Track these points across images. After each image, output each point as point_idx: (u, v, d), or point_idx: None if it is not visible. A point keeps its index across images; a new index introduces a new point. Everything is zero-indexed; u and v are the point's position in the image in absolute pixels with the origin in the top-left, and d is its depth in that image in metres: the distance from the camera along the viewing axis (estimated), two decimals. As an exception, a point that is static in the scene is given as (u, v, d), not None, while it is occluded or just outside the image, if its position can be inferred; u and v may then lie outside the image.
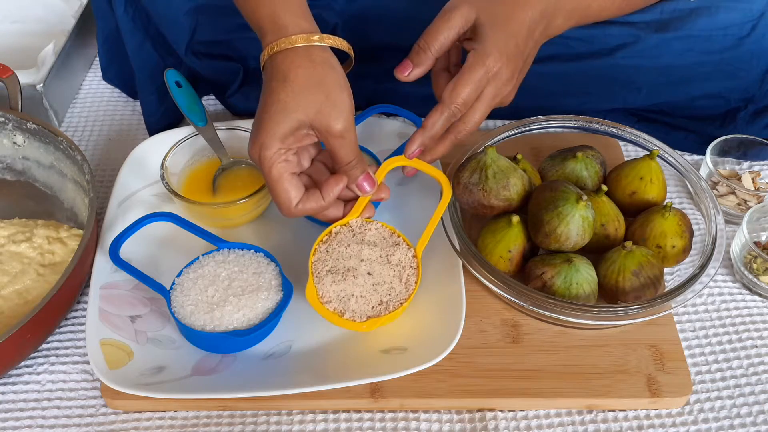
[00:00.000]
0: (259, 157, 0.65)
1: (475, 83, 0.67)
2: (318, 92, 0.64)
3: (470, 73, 0.67)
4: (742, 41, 0.86)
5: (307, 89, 0.64)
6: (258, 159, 0.65)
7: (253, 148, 0.65)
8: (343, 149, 0.66)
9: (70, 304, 0.72)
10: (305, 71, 0.65)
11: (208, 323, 0.65)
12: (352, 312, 0.65)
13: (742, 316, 0.74)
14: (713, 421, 0.66)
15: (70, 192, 0.79)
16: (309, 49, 0.65)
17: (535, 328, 0.70)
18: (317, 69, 0.65)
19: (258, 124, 0.65)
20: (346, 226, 0.70)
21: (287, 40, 0.65)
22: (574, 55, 0.87)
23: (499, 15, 0.69)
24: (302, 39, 0.65)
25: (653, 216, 0.72)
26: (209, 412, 0.66)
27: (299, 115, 0.64)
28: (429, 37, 0.69)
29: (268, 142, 0.64)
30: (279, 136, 0.64)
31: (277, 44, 0.65)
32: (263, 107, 0.65)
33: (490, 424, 0.65)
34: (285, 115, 0.64)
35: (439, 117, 0.68)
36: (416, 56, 0.70)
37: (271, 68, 0.65)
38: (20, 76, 0.83)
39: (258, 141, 0.65)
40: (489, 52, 0.67)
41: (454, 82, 0.67)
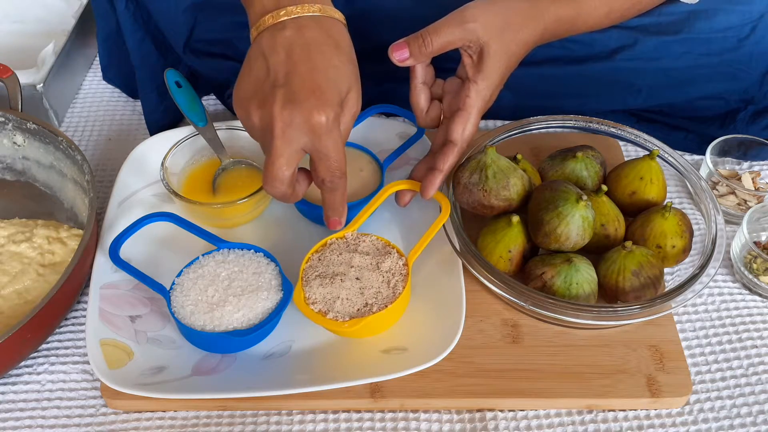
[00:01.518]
0: (318, 123, 0.60)
1: (479, 118, 0.71)
2: (357, 69, 0.65)
3: (476, 112, 0.70)
4: (741, 43, 0.86)
5: (352, 63, 0.64)
6: (315, 125, 0.60)
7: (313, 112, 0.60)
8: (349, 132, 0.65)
9: (70, 304, 0.72)
10: (349, 44, 0.65)
11: (208, 323, 0.65)
12: (336, 312, 0.65)
13: (742, 316, 0.74)
14: (713, 421, 0.66)
15: (70, 192, 0.79)
16: (342, 23, 0.66)
17: (535, 328, 0.70)
18: (351, 45, 0.66)
19: (308, 83, 0.60)
20: (341, 238, 0.70)
21: (330, 8, 0.65)
22: (574, 57, 0.87)
23: (506, 47, 0.70)
24: (339, 15, 0.66)
25: (653, 216, 0.72)
26: (209, 412, 0.66)
27: (348, 84, 0.63)
28: (434, 34, 0.69)
29: (330, 107, 0.60)
30: (338, 101, 0.61)
31: (322, 8, 0.64)
32: (315, 69, 0.61)
33: (490, 424, 0.65)
34: (341, 82, 0.62)
35: (456, 159, 0.72)
36: (415, 45, 0.69)
37: (317, 29, 0.63)
38: (20, 76, 0.83)
39: (312, 101, 0.60)
40: (491, 84, 0.70)
41: (462, 124, 0.70)
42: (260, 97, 0.61)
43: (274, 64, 0.62)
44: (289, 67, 0.61)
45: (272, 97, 0.60)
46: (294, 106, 0.60)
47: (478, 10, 0.69)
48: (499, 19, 0.69)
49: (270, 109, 0.60)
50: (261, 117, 0.61)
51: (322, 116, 0.60)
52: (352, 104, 0.64)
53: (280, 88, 0.61)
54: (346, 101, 0.63)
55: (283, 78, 0.61)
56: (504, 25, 0.69)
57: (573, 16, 0.73)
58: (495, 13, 0.69)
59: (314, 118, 0.60)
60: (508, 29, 0.69)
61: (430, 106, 0.74)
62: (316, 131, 0.60)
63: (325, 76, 0.61)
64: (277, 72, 0.61)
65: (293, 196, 0.65)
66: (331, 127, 0.61)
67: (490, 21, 0.69)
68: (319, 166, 0.63)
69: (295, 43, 0.62)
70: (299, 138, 0.61)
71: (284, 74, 0.61)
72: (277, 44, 0.62)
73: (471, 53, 0.70)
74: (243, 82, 0.64)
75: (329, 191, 0.66)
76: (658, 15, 0.85)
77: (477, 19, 0.68)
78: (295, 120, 0.60)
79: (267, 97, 0.61)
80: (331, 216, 0.68)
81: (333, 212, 0.67)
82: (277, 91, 0.60)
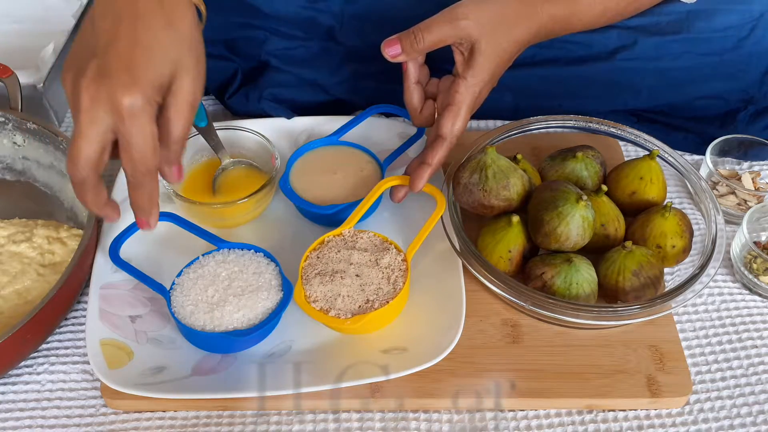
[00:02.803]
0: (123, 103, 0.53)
1: (469, 114, 0.70)
2: (196, 53, 0.58)
3: (465, 107, 0.70)
4: (741, 43, 0.86)
5: (187, 43, 0.57)
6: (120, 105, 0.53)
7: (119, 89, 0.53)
8: (187, 122, 0.57)
9: (70, 304, 0.72)
10: (190, 24, 0.58)
11: (208, 323, 0.65)
12: (338, 310, 0.65)
13: (742, 316, 0.74)
14: (713, 421, 0.66)
15: (70, 192, 0.79)
16: (189, 3, 0.59)
17: (535, 328, 0.70)
18: (197, 28, 0.59)
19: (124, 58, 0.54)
20: (338, 235, 0.70)
21: None
22: (574, 58, 0.87)
23: (498, 45, 0.69)
24: None
25: (653, 216, 0.72)
26: (209, 412, 0.66)
27: (173, 67, 0.56)
28: (426, 30, 0.68)
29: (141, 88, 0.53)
30: (155, 84, 0.55)
31: None
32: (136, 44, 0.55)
33: (490, 424, 0.65)
34: (163, 65, 0.55)
35: (445, 153, 0.71)
36: (407, 42, 0.69)
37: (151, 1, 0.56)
38: (20, 76, 0.83)
39: (122, 78, 0.53)
40: (481, 81, 0.70)
41: (452, 119, 0.70)
42: (77, 65, 0.55)
43: (99, 31, 0.56)
44: (111, 38, 0.55)
45: (86, 68, 0.54)
46: (103, 80, 0.53)
47: (471, 6, 0.69)
48: (491, 17, 0.69)
49: (80, 80, 0.54)
50: (72, 86, 0.55)
51: (127, 97, 0.53)
52: (186, 91, 0.56)
53: (96, 58, 0.55)
54: (175, 87, 0.56)
55: (102, 48, 0.55)
56: (497, 22, 0.69)
57: (567, 15, 0.73)
58: (488, 10, 0.69)
59: (120, 98, 0.53)
60: (501, 27, 0.69)
61: (424, 105, 0.74)
62: (120, 113, 0.53)
63: (145, 54, 0.54)
64: (99, 40, 0.56)
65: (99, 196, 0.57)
66: (138, 112, 0.53)
67: (482, 18, 0.68)
68: (122, 156, 0.55)
69: (125, 12, 0.56)
70: (104, 118, 0.54)
71: (104, 44, 0.55)
72: (106, 11, 0.57)
73: (462, 50, 0.70)
74: (72, 47, 0.58)
75: (132, 187, 0.57)
76: (658, 15, 0.85)
77: (469, 16, 0.68)
78: (101, 96, 0.53)
79: (82, 66, 0.55)
80: (137, 215, 0.59)
81: (138, 211, 0.59)
82: (92, 61, 0.54)
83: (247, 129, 0.81)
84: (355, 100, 0.90)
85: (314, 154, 0.80)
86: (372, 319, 0.64)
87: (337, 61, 0.89)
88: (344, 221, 0.72)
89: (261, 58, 0.89)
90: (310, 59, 0.89)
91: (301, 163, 0.79)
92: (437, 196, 0.72)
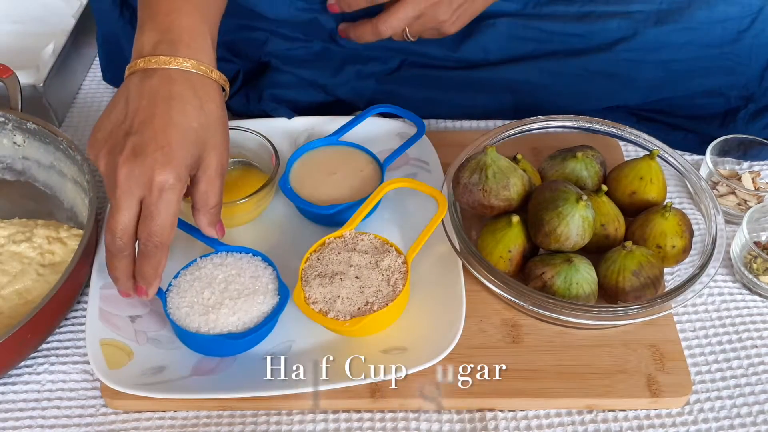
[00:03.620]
0: (157, 180, 0.58)
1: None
2: (223, 131, 0.64)
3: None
4: (741, 35, 0.86)
5: (216, 125, 0.63)
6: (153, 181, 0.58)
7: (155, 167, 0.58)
8: (220, 189, 0.64)
9: (70, 304, 0.72)
10: (218, 105, 0.64)
11: (202, 325, 0.64)
12: (337, 312, 0.65)
13: (742, 316, 0.74)
14: (713, 421, 0.66)
15: (70, 192, 0.79)
16: (217, 85, 0.65)
17: (535, 328, 0.70)
18: (223, 108, 0.65)
19: (160, 137, 0.59)
20: (339, 237, 0.70)
21: (206, 67, 0.64)
22: (574, 50, 0.87)
23: None
24: (217, 75, 0.65)
25: (653, 216, 0.72)
26: (209, 412, 0.66)
27: (204, 148, 0.62)
28: None
29: (175, 168, 0.59)
30: (187, 163, 0.60)
31: (195, 64, 0.63)
32: (171, 125, 0.60)
33: (490, 424, 0.65)
34: (195, 146, 0.61)
35: None
36: None
37: (185, 85, 0.62)
38: (20, 76, 0.83)
39: (157, 156, 0.59)
40: None
41: None
42: (112, 142, 0.60)
43: (133, 110, 0.61)
44: (147, 118, 0.60)
45: (122, 145, 0.59)
46: (138, 158, 0.58)
47: None
48: None
49: (117, 156, 0.59)
50: (107, 163, 0.60)
51: (162, 175, 0.58)
52: (215, 166, 0.63)
53: (131, 136, 0.60)
54: (206, 164, 0.62)
55: (138, 127, 0.60)
56: None
57: None
58: None
59: (154, 175, 0.58)
60: None
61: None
62: (152, 188, 0.59)
63: (179, 135, 0.60)
64: (134, 119, 0.60)
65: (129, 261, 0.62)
66: (168, 189, 0.59)
67: None
68: (141, 224, 0.60)
69: (159, 94, 0.61)
70: (138, 191, 0.59)
71: (139, 123, 0.60)
72: (142, 91, 0.62)
73: None
74: (102, 122, 0.63)
75: (141, 255, 0.62)
76: (660, 2, 0.86)
77: None
78: (135, 172, 0.58)
79: (117, 143, 0.60)
80: (138, 281, 0.63)
81: (140, 278, 0.63)
82: (128, 139, 0.59)
83: (247, 129, 0.81)
84: (355, 100, 0.90)
85: (314, 154, 0.80)
86: (371, 322, 0.64)
87: (337, 61, 0.89)
88: (344, 221, 0.72)
89: (262, 59, 0.89)
90: (311, 60, 0.89)
91: (301, 163, 0.79)
92: (438, 198, 0.72)
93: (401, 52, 0.89)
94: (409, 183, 0.73)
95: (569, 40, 0.87)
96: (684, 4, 0.86)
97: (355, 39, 0.84)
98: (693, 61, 0.87)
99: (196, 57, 0.64)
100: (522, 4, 0.88)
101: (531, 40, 0.88)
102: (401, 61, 0.90)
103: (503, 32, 0.87)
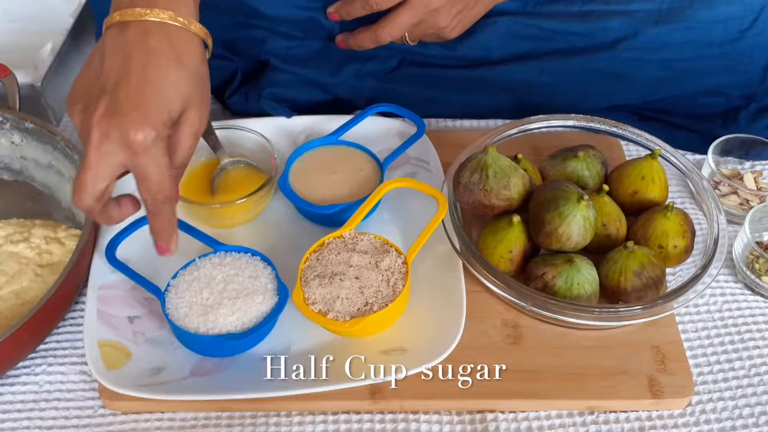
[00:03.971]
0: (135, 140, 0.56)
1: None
2: (202, 87, 0.62)
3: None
4: (742, 35, 0.86)
5: (195, 79, 0.60)
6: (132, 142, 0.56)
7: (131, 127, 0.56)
8: (190, 150, 0.61)
9: (68, 305, 0.72)
10: (197, 59, 0.61)
11: (201, 326, 0.64)
12: (336, 312, 0.64)
13: (744, 316, 0.74)
14: (715, 422, 0.66)
15: (68, 192, 0.79)
16: (197, 38, 0.62)
17: (536, 329, 0.70)
18: (204, 63, 0.63)
19: (134, 95, 0.57)
20: (338, 237, 0.70)
21: (184, 19, 0.61)
22: (575, 49, 0.87)
23: None
24: (196, 28, 0.62)
25: (655, 216, 0.72)
26: (208, 414, 0.66)
27: (182, 103, 0.59)
28: None
29: (152, 125, 0.56)
30: (164, 120, 0.58)
31: (174, 16, 0.60)
32: (146, 81, 0.57)
33: (490, 425, 0.65)
34: (172, 101, 0.58)
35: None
36: None
37: (161, 38, 0.59)
38: (18, 75, 0.83)
39: (133, 116, 0.56)
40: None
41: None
42: (86, 100, 0.58)
43: (109, 67, 0.59)
44: (121, 75, 0.58)
45: (96, 104, 0.57)
46: (113, 118, 0.56)
47: None
48: None
49: (91, 115, 0.57)
50: (82, 122, 0.58)
51: (139, 134, 0.56)
52: (191, 123, 0.60)
53: (106, 95, 0.57)
54: (183, 120, 0.60)
55: (112, 85, 0.58)
56: None
57: None
58: None
59: (131, 135, 0.56)
60: None
61: None
62: (133, 149, 0.56)
63: (154, 92, 0.58)
64: (109, 77, 0.58)
65: (105, 215, 0.60)
66: (149, 146, 0.57)
67: None
68: (140, 186, 0.59)
69: (135, 48, 0.59)
70: (115, 153, 0.57)
71: (114, 81, 0.58)
72: (117, 46, 0.59)
73: None
74: (78, 79, 0.60)
75: (151, 215, 0.61)
76: (661, 2, 0.85)
77: None
78: (112, 133, 0.56)
79: (92, 102, 0.58)
80: (156, 241, 0.63)
81: (158, 237, 0.62)
82: (102, 98, 0.57)
83: (246, 128, 0.80)
84: (354, 99, 0.90)
85: (314, 153, 0.80)
86: (370, 322, 0.64)
87: (336, 60, 0.89)
88: (344, 221, 0.71)
89: (261, 58, 0.89)
90: (310, 58, 0.89)
91: (300, 163, 0.79)
92: (438, 198, 0.71)
93: (401, 50, 0.88)
94: (409, 183, 0.73)
95: (570, 39, 0.87)
96: (685, 4, 0.86)
97: (354, 47, 0.84)
98: (694, 61, 0.87)
99: (173, 8, 0.60)
100: (523, 2, 0.87)
101: (532, 39, 0.87)
102: (401, 59, 0.90)
103: (504, 31, 0.87)
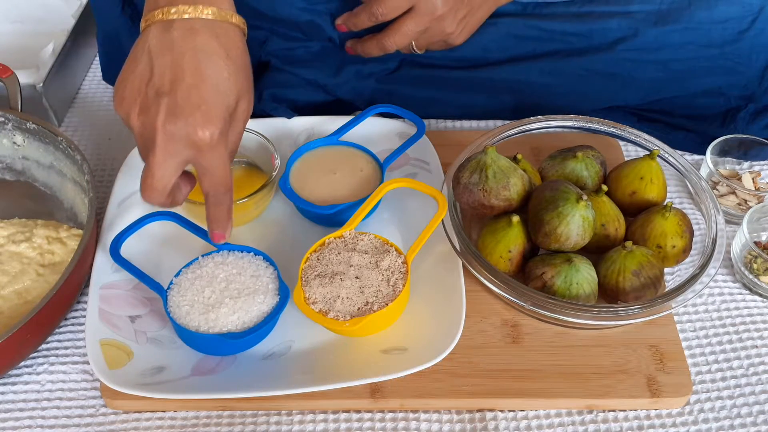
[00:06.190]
0: (202, 139, 0.58)
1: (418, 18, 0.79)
2: (249, 77, 0.64)
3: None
4: (741, 35, 0.86)
5: (243, 70, 0.63)
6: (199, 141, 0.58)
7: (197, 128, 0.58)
8: (241, 137, 0.65)
9: (70, 305, 0.72)
10: (242, 51, 0.63)
11: (202, 324, 0.64)
12: (337, 312, 0.65)
13: (742, 316, 0.74)
14: (713, 422, 0.66)
15: (70, 192, 0.79)
16: (238, 29, 0.64)
17: (535, 329, 0.70)
18: (247, 53, 0.64)
19: (193, 95, 0.58)
20: (339, 237, 0.70)
21: (226, 13, 0.62)
22: (574, 50, 0.87)
23: None
24: (237, 19, 0.63)
25: (653, 216, 0.72)
26: (209, 413, 0.66)
27: (236, 97, 0.62)
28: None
29: (215, 123, 0.59)
30: (225, 115, 0.60)
31: (217, 12, 0.61)
32: (202, 81, 0.59)
33: (490, 424, 0.65)
34: (228, 96, 0.60)
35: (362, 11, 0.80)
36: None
37: (208, 34, 0.60)
38: (20, 75, 0.83)
39: (197, 117, 0.58)
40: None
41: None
42: (143, 101, 0.59)
43: (160, 66, 0.59)
44: (176, 75, 0.59)
45: (156, 106, 0.58)
46: (178, 119, 0.58)
47: None
48: None
49: (153, 119, 0.58)
50: (143, 124, 0.59)
51: (206, 132, 0.58)
52: (243, 111, 0.63)
53: (164, 96, 0.58)
54: (236, 112, 0.62)
55: (169, 86, 0.58)
56: None
57: None
58: None
59: (198, 134, 0.58)
60: None
61: None
62: (200, 147, 0.59)
63: (212, 89, 0.59)
64: (163, 77, 0.59)
65: (173, 203, 0.64)
66: (215, 144, 0.59)
67: None
68: (203, 180, 0.62)
69: (185, 48, 0.60)
70: (182, 152, 0.59)
71: (170, 81, 0.59)
72: (165, 45, 0.60)
73: None
74: (126, 78, 0.61)
75: (213, 205, 0.64)
76: (660, 3, 0.86)
77: None
78: (177, 134, 0.58)
79: (150, 104, 0.59)
80: (214, 229, 0.65)
81: (217, 226, 0.65)
82: (162, 100, 0.58)
83: (247, 129, 0.80)
84: (354, 100, 0.90)
85: (314, 154, 0.80)
86: (370, 322, 0.64)
87: (337, 61, 0.89)
88: (344, 221, 0.72)
89: (261, 59, 0.89)
90: (311, 59, 0.89)
91: (300, 163, 0.79)
92: (438, 198, 0.72)
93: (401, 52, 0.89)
94: (409, 183, 0.73)
95: (569, 40, 0.87)
96: (684, 4, 0.86)
97: (362, 54, 0.85)
98: (693, 61, 0.87)
99: (215, 3, 0.62)
100: (522, 4, 0.88)
101: (531, 40, 0.88)
102: (401, 60, 0.90)
103: (503, 32, 0.87)
